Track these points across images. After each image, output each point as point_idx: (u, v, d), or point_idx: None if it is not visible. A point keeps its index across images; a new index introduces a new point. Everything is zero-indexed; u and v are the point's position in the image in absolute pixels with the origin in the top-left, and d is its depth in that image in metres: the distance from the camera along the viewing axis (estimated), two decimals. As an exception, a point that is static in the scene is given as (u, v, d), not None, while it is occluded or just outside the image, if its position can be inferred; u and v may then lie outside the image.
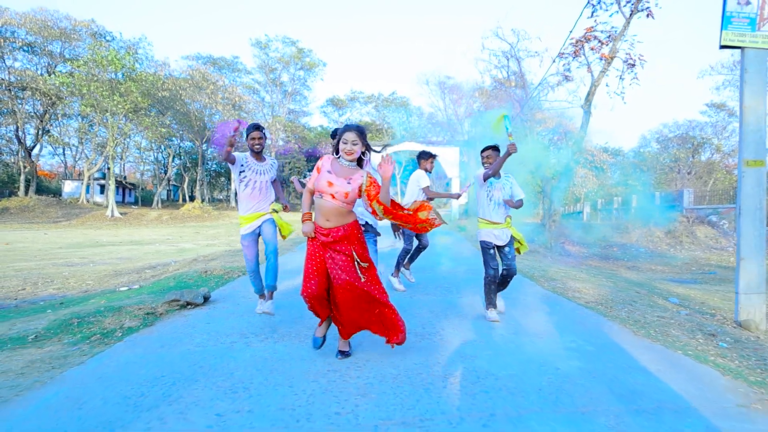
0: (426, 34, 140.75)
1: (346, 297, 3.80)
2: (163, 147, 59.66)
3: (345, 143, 3.84)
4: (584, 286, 7.87)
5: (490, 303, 5.56)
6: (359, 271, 3.87)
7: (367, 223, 5.32)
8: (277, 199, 5.57)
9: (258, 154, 5.33)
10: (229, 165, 5.19)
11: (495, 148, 5.58)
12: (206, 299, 6.33)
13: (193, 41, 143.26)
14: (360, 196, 3.90)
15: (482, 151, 5.70)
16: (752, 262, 5.96)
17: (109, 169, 45.83)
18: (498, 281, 5.63)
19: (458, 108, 51.04)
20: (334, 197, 3.80)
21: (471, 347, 4.33)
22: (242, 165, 5.20)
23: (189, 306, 6.09)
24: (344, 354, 4.07)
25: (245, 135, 5.36)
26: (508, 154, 5.11)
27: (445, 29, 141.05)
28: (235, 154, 5.10)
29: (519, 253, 5.72)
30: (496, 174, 5.46)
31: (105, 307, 6.00)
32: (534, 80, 25.85)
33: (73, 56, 46.45)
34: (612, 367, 3.78)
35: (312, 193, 3.97)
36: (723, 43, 6.04)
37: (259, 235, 5.34)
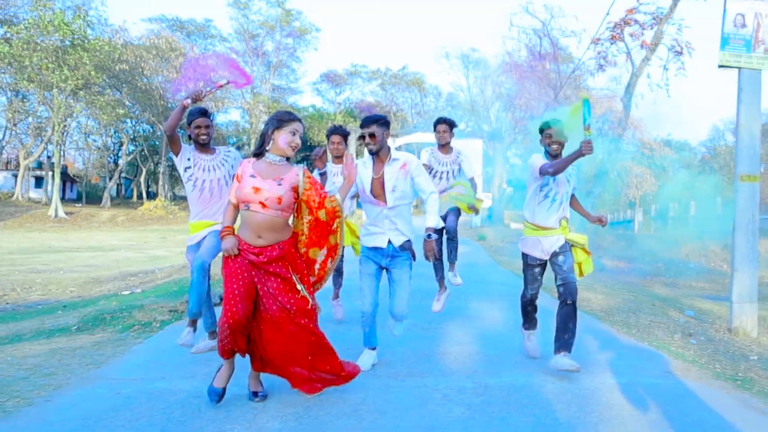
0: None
1: (276, 333, 4.01)
2: (114, 130, 61.86)
3: (293, 134, 4.03)
4: (596, 297, 10.04)
5: (529, 323, 5.65)
6: (305, 292, 4.05)
7: (407, 242, 5.07)
8: None
9: (205, 146, 5.32)
10: (173, 156, 5.34)
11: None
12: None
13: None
14: (297, 201, 4.12)
15: (543, 130, 5.38)
16: (745, 273, 8.09)
17: (49, 158, 48.37)
18: (557, 311, 5.30)
19: (485, 88, 52.55)
20: (264, 206, 3.92)
21: (467, 337, 6.56)
22: (188, 159, 5.23)
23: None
24: (258, 396, 4.19)
25: (187, 121, 5.29)
26: (580, 154, 4.82)
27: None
28: (184, 146, 5.26)
29: (582, 274, 5.48)
30: (557, 173, 5.16)
31: (123, 306, 8.19)
32: (572, 62, 28.15)
33: (8, 18, 48.83)
34: (581, 350, 5.97)
35: (235, 207, 4.12)
36: (721, 63, 8.16)
37: None
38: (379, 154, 4.94)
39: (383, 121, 4.93)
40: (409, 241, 5.02)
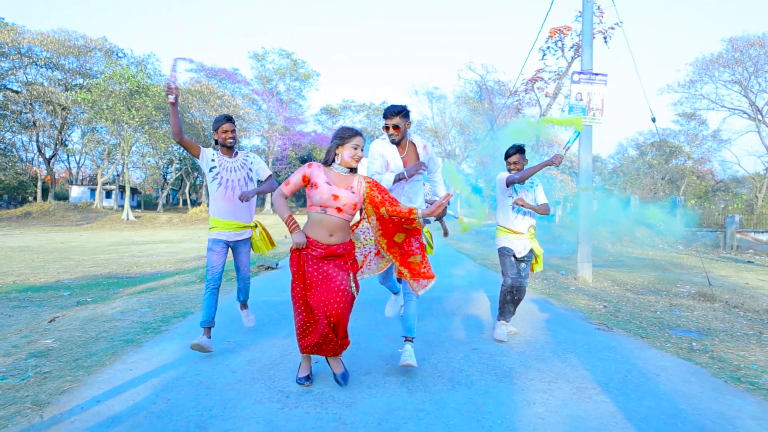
0: (421, 42, 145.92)
1: (343, 303, 3.71)
2: (164, 153, 64.05)
3: (356, 148, 3.74)
4: (504, 263, 12.84)
5: (503, 315, 5.27)
6: (352, 283, 3.80)
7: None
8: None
9: (229, 149, 4.90)
10: (196, 160, 4.92)
11: (523, 151, 5.18)
12: (277, 265, 11.27)
13: (196, 51, 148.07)
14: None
15: (507, 156, 5.23)
16: (584, 244, 10.92)
17: (118, 175, 50.76)
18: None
19: (444, 117, 55.45)
20: (340, 210, 3.71)
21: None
22: (212, 160, 4.81)
23: (269, 269, 11.01)
24: (345, 377, 3.89)
25: (214, 127, 4.87)
26: (550, 162, 4.86)
27: (439, 36, 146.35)
28: (204, 149, 4.80)
29: (532, 270, 5.48)
30: (523, 181, 5.04)
31: (218, 271, 10.88)
32: (509, 96, 31.25)
33: (85, 71, 51.27)
34: (483, 284, 8.74)
35: (286, 197, 3.80)
36: (569, 121, 10.96)
37: (230, 248, 5.05)
38: (401, 143, 4.40)
39: (405, 112, 4.28)
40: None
